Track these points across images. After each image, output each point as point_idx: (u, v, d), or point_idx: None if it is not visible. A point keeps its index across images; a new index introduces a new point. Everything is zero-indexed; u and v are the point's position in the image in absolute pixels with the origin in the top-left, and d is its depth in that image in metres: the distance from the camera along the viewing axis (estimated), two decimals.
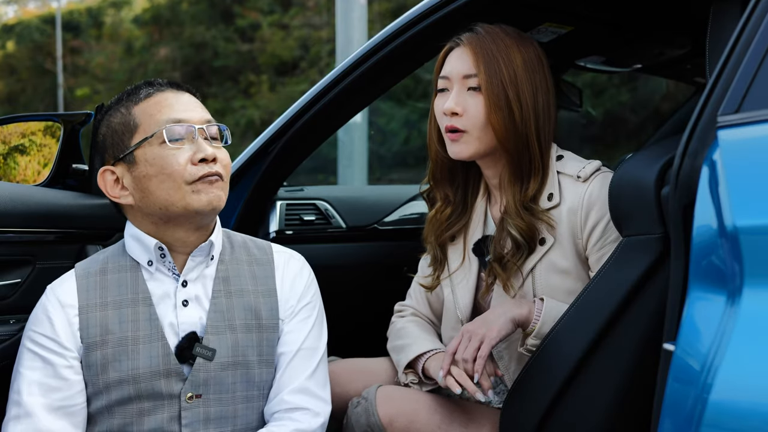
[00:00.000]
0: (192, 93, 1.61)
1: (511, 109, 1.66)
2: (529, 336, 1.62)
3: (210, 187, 1.50)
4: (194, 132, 1.51)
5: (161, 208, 1.51)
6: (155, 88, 1.56)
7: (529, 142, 1.68)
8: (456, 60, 1.72)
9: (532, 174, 1.70)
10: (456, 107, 1.69)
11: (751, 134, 1.13)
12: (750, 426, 1.01)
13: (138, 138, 1.52)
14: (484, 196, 1.84)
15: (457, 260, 1.83)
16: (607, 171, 1.70)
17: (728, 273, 1.09)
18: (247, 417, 1.57)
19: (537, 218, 1.68)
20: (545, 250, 1.69)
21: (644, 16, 2.07)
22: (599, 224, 1.64)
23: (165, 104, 1.53)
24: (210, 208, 1.51)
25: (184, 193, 1.49)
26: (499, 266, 1.72)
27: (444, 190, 1.85)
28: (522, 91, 1.67)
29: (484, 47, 1.69)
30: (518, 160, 1.69)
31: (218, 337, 1.54)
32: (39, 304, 1.55)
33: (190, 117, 1.53)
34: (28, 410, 1.47)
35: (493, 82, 1.67)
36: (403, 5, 10.62)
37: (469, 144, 1.70)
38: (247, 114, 13.85)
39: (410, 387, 1.80)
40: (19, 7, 20.75)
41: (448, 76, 1.73)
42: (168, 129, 1.50)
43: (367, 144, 6.81)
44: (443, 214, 1.84)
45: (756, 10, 1.19)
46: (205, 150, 1.51)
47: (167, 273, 1.56)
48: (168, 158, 1.49)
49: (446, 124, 1.71)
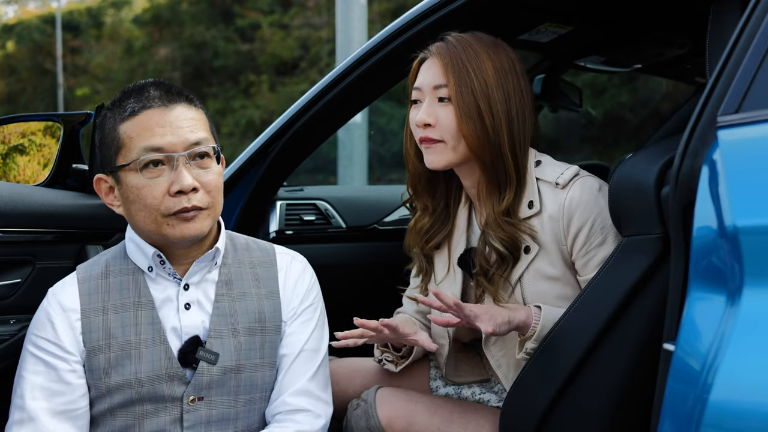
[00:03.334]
0: (188, 101, 1.53)
1: (482, 119, 1.64)
2: (528, 340, 1.61)
3: (185, 224, 1.47)
4: (174, 160, 1.46)
5: (141, 231, 1.51)
6: (141, 104, 1.48)
7: (502, 151, 1.66)
8: (426, 71, 1.70)
9: (508, 184, 1.68)
10: (428, 118, 1.67)
11: (751, 134, 1.13)
12: (750, 426, 1.01)
13: (121, 160, 1.48)
14: (465, 204, 1.82)
15: (442, 270, 1.82)
16: (586, 174, 1.68)
17: (728, 273, 1.08)
18: (248, 419, 1.57)
19: (518, 228, 1.67)
20: (531, 259, 1.67)
21: (644, 16, 2.07)
22: (582, 230, 1.62)
23: (147, 126, 1.46)
24: (187, 239, 1.49)
25: (160, 225, 1.47)
26: (485, 280, 1.70)
27: (424, 200, 1.83)
28: (493, 99, 1.65)
29: (453, 57, 1.66)
30: (493, 170, 1.67)
31: (221, 341, 1.54)
32: (41, 308, 1.54)
33: (170, 143, 1.45)
34: (31, 415, 1.47)
35: (463, 92, 1.64)
36: (403, 5, 10.63)
37: (444, 153, 1.68)
38: (247, 114, 13.86)
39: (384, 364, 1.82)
40: (19, 7, 20.77)
41: (420, 87, 1.71)
42: (144, 159, 1.45)
43: (367, 144, 6.81)
44: (422, 223, 1.82)
45: (756, 10, 1.19)
46: (182, 181, 1.44)
47: (168, 277, 1.55)
48: (144, 189, 1.46)
49: (420, 136, 1.70)
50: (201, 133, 1.50)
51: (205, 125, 1.53)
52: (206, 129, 1.53)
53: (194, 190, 1.47)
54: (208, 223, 1.50)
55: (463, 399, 1.84)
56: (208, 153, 1.50)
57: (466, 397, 1.85)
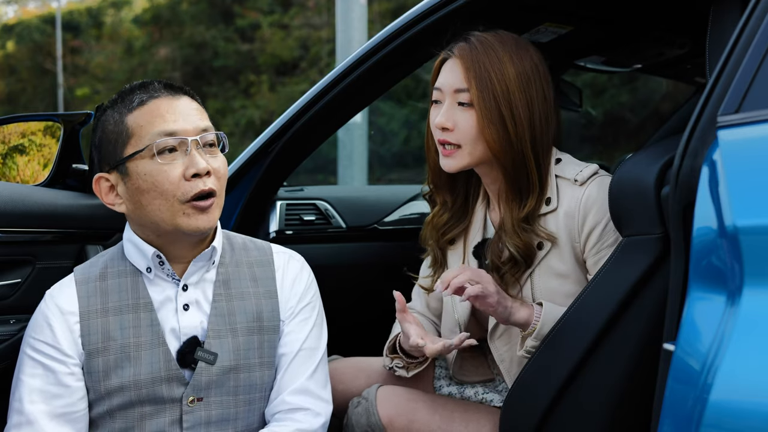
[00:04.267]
0: (190, 95, 1.56)
1: (505, 124, 1.63)
2: (528, 337, 1.62)
3: (201, 215, 1.48)
4: (187, 144, 1.47)
5: (152, 223, 1.50)
6: (149, 95, 1.50)
7: (525, 156, 1.65)
8: (448, 72, 1.70)
9: (531, 191, 1.68)
10: (446, 122, 1.67)
11: (751, 134, 1.13)
12: (750, 426, 1.01)
13: (130, 149, 1.48)
14: (483, 200, 1.83)
15: (456, 263, 1.83)
16: (605, 174, 1.69)
17: (728, 273, 1.08)
18: (248, 418, 1.57)
19: (534, 234, 1.67)
20: (543, 255, 1.68)
21: (644, 16, 2.07)
22: (596, 228, 1.63)
23: (157, 114, 1.48)
24: (200, 231, 1.49)
25: (175, 214, 1.47)
26: (497, 276, 1.71)
27: (444, 195, 1.84)
28: (515, 105, 1.63)
29: (476, 61, 1.65)
30: (515, 176, 1.67)
31: (220, 341, 1.54)
32: (38, 311, 1.53)
33: (183, 128, 1.48)
34: (29, 418, 1.46)
35: (485, 98, 1.63)
36: (403, 5, 10.63)
37: (461, 158, 1.68)
38: (247, 114, 13.86)
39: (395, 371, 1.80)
40: (19, 7, 20.76)
41: (440, 88, 1.71)
42: (159, 143, 1.46)
43: (367, 144, 6.81)
44: (441, 218, 1.83)
45: (756, 10, 1.19)
46: (197, 164, 1.46)
47: (167, 278, 1.55)
48: (160, 174, 1.46)
49: (438, 138, 1.70)
50: (207, 122, 1.53)
51: (208, 117, 1.56)
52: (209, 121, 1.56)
53: (208, 174, 1.48)
54: (217, 213, 1.52)
55: (465, 399, 1.84)
56: (215, 142, 1.53)
57: (469, 396, 1.85)
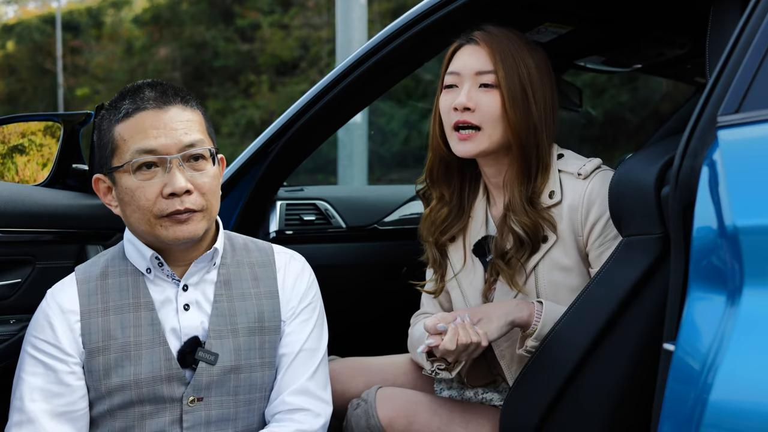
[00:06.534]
0: (184, 102, 1.51)
1: (528, 105, 1.69)
2: (528, 338, 1.62)
3: (178, 225, 1.47)
4: (167, 163, 1.46)
5: (138, 232, 1.51)
6: (136, 106, 1.47)
7: (539, 139, 1.70)
8: (468, 57, 1.73)
9: (540, 171, 1.72)
10: (468, 102, 1.69)
11: (751, 134, 1.13)
12: (750, 426, 1.01)
13: (116, 162, 1.48)
14: (483, 197, 1.84)
15: (459, 261, 1.83)
16: (608, 169, 1.72)
17: (728, 273, 1.08)
18: (248, 419, 1.57)
19: (540, 216, 1.69)
20: (548, 248, 1.69)
21: (644, 16, 2.07)
22: (599, 221, 1.65)
23: (141, 128, 1.46)
24: (180, 241, 1.49)
25: (153, 226, 1.47)
26: (503, 262, 1.72)
27: (440, 189, 1.84)
28: (536, 89, 1.70)
29: (500, 45, 1.71)
30: (527, 157, 1.71)
31: (220, 342, 1.54)
32: (39, 310, 1.53)
33: (164, 144, 1.45)
34: (30, 417, 1.46)
35: (512, 79, 1.69)
36: (403, 5, 10.63)
37: (479, 142, 1.70)
38: (247, 114, 13.86)
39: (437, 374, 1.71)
40: (19, 7, 20.77)
41: (458, 72, 1.73)
42: (136, 162, 1.45)
43: (367, 144, 6.81)
44: (439, 214, 1.84)
45: (756, 10, 1.19)
46: (174, 184, 1.44)
47: (166, 279, 1.55)
48: (137, 190, 1.46)
49: (457, 120, 1.71)
50: (196, 134, 1.49)
51: (201, 126, 1.52)
52: (202, 131, 1.52)
53: (188, 193, 1.46)
54: (202, 225, 1.49)
55: (466, 400, 1.84)
56: (203, 155, 1.49)
57: (469, 397, 1.85)
